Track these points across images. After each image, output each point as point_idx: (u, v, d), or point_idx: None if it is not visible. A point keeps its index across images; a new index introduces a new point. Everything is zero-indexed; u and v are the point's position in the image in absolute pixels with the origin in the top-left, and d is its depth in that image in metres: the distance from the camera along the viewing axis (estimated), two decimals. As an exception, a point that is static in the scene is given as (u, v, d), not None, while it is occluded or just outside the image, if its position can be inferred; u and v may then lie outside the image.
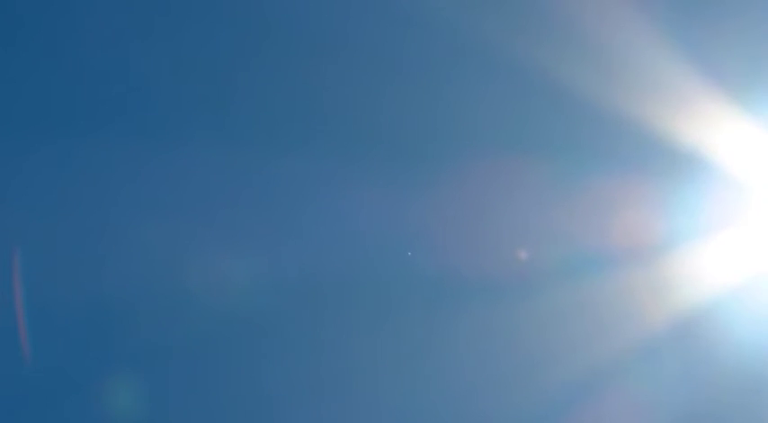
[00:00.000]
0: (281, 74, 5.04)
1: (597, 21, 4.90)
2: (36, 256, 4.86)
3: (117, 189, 4.96)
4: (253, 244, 4.99)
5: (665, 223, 4.90)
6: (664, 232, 4.90)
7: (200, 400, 4.90)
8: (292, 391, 4.88)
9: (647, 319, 4.90)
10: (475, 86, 5.01)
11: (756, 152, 4.83)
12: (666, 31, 4.87)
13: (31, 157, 4.91)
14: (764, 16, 4.97)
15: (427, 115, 5.03)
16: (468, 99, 5.00)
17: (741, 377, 4.80)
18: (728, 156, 4.84)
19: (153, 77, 4.97)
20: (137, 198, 4.97)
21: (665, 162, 4.87)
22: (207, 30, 5.02)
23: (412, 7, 4.88)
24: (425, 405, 4.89)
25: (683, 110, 4.85)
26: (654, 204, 4.92)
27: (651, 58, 4.89)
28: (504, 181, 4.95)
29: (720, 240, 4.87)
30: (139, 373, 4.86)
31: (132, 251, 4.86)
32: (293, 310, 4.95)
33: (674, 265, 4.89)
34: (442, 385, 4.90)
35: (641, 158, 4.89)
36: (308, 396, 4.87)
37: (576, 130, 4.95)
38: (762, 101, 4.85)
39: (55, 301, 4.82)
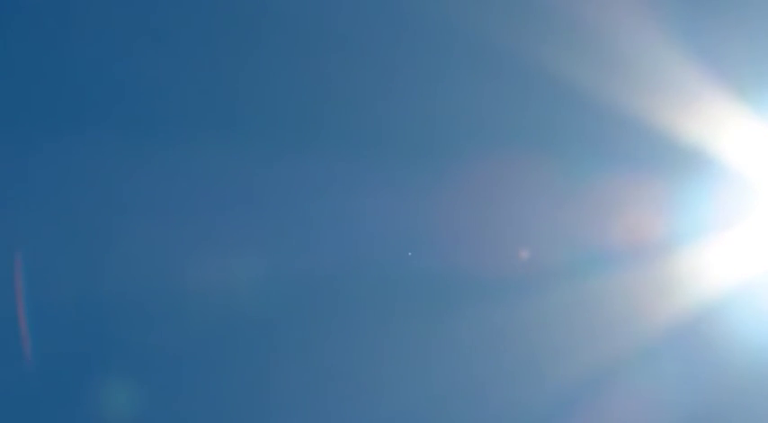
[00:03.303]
0: (285, 73, 5.05)
1: (601, 18, 4.89)
2: (37, 256, 4.86)
3: (119, 189, 4.96)
4: (255, 243, 4.99)
5: (669, 221, 4.90)
6: (668, 230, 4.89)
7: (203, 401, 4.91)
8: (295, 390, 4.89)
9: (652, 318, 4.90)
10: (477, 85, 5.00)
11: (762, 150, 4.82)
12: (671, 28, 4.86)
13: (32, 157, 4.91)
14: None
15: (430, 114, 5.02)
16: (471, 98, 5.00)
17: (746, 376, 4.80)
18: (734, 154, 4.84)
19: (156, 77, 4.97)
20: (140, 198, 4.97)
21: (670, 160, 4.87)
22: (210, 29, 5.02)
23: (416, 6, 4.87)
24: (429, 404, 4.89)
25: (687, 108, 4.84)
26: (659, 203, 4.92)
27: (655, 55, 4.88)
28: (508, 179, 4.95)
29: (726, 239, 4.86)
30: (141, 374, 4.86)
31: (136, 251, 4.86)
32: (295, 309, 4.95)
33: (678, 264, 4.88)
34: (445, 384, 4.91)
35: (646, 157, 4.89)
36: (311, 395, 4.87)
37: (580, 129, 4.95)
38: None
39: (56, 301, 4.83)
